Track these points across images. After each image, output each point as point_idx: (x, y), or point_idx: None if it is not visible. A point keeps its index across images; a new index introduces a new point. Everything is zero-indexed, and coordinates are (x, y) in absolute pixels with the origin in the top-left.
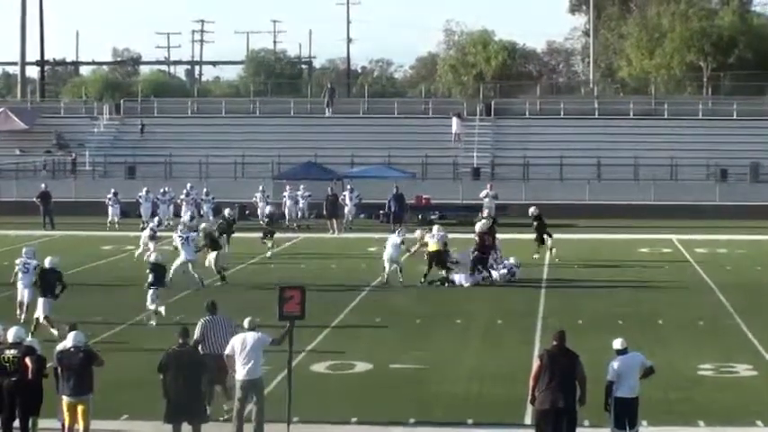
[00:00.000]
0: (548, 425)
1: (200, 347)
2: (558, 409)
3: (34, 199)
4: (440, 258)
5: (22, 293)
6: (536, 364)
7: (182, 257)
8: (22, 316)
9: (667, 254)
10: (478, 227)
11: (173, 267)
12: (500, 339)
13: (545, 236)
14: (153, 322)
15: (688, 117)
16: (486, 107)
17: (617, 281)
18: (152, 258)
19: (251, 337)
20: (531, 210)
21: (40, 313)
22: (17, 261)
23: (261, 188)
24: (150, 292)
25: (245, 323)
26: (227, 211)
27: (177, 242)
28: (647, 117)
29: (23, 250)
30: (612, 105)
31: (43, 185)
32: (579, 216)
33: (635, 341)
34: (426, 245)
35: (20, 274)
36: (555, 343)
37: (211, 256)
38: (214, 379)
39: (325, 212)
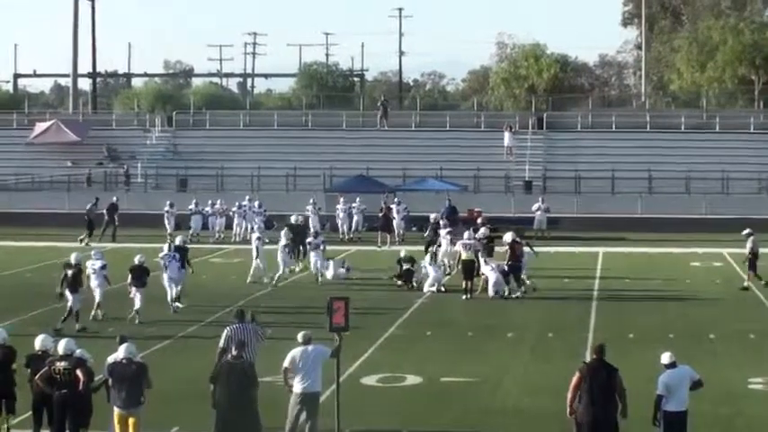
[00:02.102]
0: None
1: (227, 356)
2: (597, 423)
3: (103, 211)
4: (471, 268)
5: (95, 294)
6: (575, 376)
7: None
8: (99, 312)
9: (718, 267)
10: (508, 237)
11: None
12: (551, 353)
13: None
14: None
15: (739, 130)
16: (538, 120)
17: (668, 294)
18: (136, 260)
19: (311, 349)
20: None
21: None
22: (88, 263)
23: (312, 201)
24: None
25: (300, 337)
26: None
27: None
28: (698, 130)
29: (92, 253)
30: (664, 119)
31: (115, 198)
32: (630, 229)
33: (686, 355)
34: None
35: (91, 276)
36: (594, 356)
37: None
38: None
39: (377, 225)
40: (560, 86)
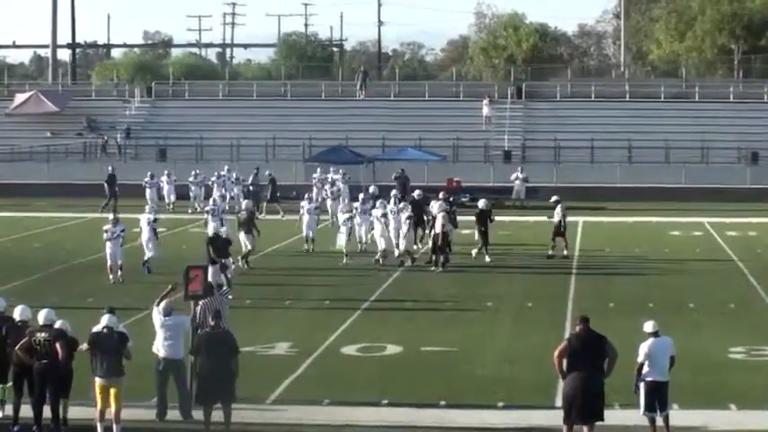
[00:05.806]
0: (576, 408)
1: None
2: (585, 394)
3: (104, 182)
4: (443, 240)
5: (111, 258)
6: (563, 344)
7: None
8: (112, 276)
9: (698, 237)
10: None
11: None
12: (530, 322)
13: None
14: None
15: (719, 100)
16: (517, 90)
17: (648, 264)
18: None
19: (171, 319)
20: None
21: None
22: (105, 227)
23: (341, 171)
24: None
25: (161, 307)
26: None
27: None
28: (677, 100)
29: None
30: (643, 88)
31: (110, 168)
32: (609, 199)
33: (666, 324)
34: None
35: (108, 242)
36: (581, 326)
37: (242, 237)
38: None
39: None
40: (539, 56)
